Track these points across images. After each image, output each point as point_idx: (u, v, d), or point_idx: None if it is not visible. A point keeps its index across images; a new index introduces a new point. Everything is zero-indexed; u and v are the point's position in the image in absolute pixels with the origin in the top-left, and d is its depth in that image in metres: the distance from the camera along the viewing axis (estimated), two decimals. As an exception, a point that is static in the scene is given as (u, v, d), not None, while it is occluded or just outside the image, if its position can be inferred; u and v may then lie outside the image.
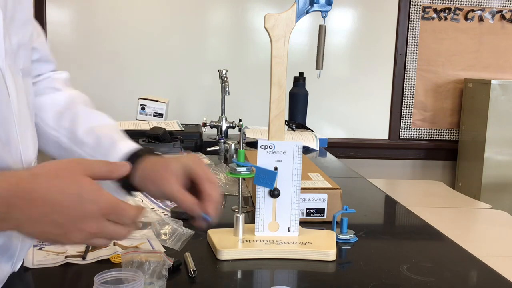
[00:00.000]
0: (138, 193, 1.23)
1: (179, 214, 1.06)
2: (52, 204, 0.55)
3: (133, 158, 0.77)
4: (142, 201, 1.16)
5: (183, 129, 1.89)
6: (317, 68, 1.01)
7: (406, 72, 3.29)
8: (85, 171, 0.58)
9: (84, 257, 0.84)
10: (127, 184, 0.76)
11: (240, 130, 1.94)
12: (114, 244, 0.90)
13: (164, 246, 0.90)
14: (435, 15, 3.25)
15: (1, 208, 0.53)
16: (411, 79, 3.30)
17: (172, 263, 0.77)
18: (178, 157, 0.77)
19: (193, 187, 0.74)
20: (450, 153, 3.38)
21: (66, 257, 0.84)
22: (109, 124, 0.85)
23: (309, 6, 0.94)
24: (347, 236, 0.98)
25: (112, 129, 0.84)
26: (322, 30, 1.00)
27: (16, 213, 0.54)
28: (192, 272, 0.79)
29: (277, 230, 0.93)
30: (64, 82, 0.92)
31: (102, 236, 0.58)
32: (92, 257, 0.85)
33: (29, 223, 0.55)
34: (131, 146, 0.80)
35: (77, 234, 0.56)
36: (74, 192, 0.55)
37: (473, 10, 3.25)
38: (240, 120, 1.97)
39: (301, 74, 2.34)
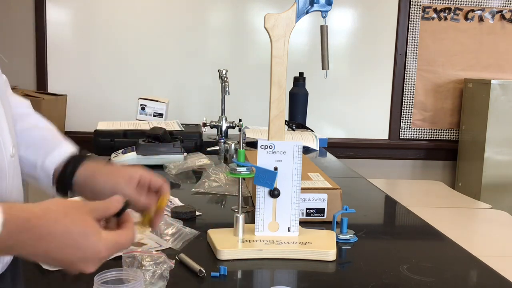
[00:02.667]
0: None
1: (179, 214, 1.06)
2: (58, 241, 0.58)
3: (75, 160, 0.84)
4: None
5: (183, 129, 1.89)
6: (323, 68, 1.01)
7: (406, 72, 3.29)
8: (89, 211, 0.61)
9: None
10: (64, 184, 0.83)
11: (240, 130, 1.94)
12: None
13: (165, 247, 0.90)
14: (435, 15, 3.25)
15: (8, 242, 0.55)
16: (411, 79, 3.30)
17: (173, 264, 0.77)
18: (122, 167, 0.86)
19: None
20: (450, 153, 3.38)
21: None
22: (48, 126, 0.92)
23: (309, 6, 0.94)
24: (347, 236, 0.98)
25: (52, 130, 0.91)
26: (324, 30, 1.00)
27: (22, 248, 0.57)
28: (201, 272, 0.79)
29: (277, 230, 0.93)
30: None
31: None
32: None
33: (34, 256, 0.59)
34: (72, 149, 0.87)
35: (82, 267, 0.61)
36: (80, 231, 0.59)
37: (473, 10, 3.25)
38: (240, 120, 1.97)
39: (301, 74, 2.34)
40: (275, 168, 0.91)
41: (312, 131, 2.24)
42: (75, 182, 0.83)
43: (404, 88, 3.31)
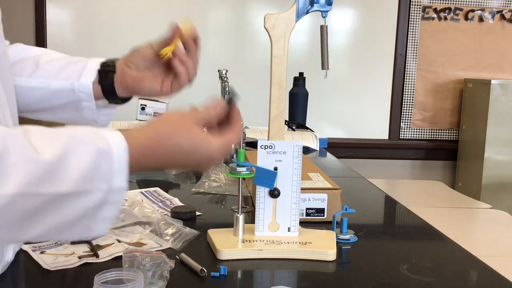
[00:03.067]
0: (138, 193, 1.23)
1: (179, 214, 1.06)
2: (175, 157, 0.65)
3: (107, 67, 0.91)
4: (142, 201, 1.16)
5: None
6: (323, 68, 1.01)
7: (406, 72, 3.29)
8: (195, 122, 0.66)
9: (97, 256, 0.84)
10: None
11: (240, 130, 1.94)
12: (119, 241, 0.90)
13: (165, 247, 0.90)
14: (435, 15, 3.25)
15: (131, 166, 0.61)
16: (411, 79, 3.30)
17: (173, 264, 0.77)
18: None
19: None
20: (450, 153, 3.38)
21: (79, 257, 0.84)
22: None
23: (309, 6, 0.94)
24: (347, 236, 0.98)
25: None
26: (323, 30, 1.00)
27: (145, 168, 0.64)
28: (202, 271, 0.79)
29: (277, 230, 0.93)
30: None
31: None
32: (105, 254, 0.85)
33: (156, 170, 0.70)
34: (99, 61, 0.92)
35: (202, 169, 0.75)
36: (190, 143, 0.65)
37: (473, 10, 3.25)
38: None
39: (301, 74, 2.34)
40: (275, 168, 0.91)
41: (312, 131, 2.24)
42: (117, 75, 0.90)
43: (404, 88, 3.31)
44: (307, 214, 1.07)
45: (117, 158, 0.58)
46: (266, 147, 0.91)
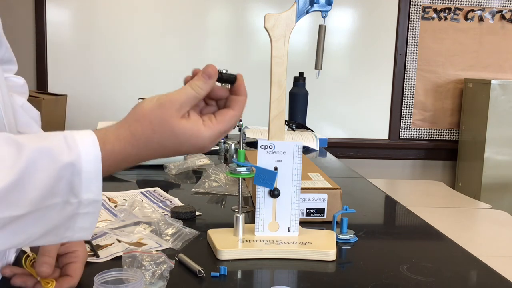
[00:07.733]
0: (138, 193, 1.23)
1: (179, 214, 1.06)
2: (159, 154, 0.61)
3: None
4: (142, 200, 1.16)
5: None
6: (316, 68, 1.01)
7: (406, 72, 3.29)
8: (177, 108, 0.61)
9: (97, 256, 0.84)
10: None
11: (240, 130, 1.94)
12: (119, 241, 0.90)
13: (165, 247, 0.90)
14: (435, 15, 3.25)
15: (110, 169, 0.58)
16: (411, 79, 3.30)
17: (173, 264, 0.77)
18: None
19: None
20: (450, 153, 3.39)
21: None
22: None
23: (309, 6, 0.94)
24: (347, 236, 0.98)
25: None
26: (322, 30, 1.00)
27: (125, 167, 0.60)
28: (201, 272, 0.79)
29: (277, 230, 0.93)
30: (21, 88, 0.94)
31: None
32: (105, 254, 0.85)
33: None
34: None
35: (194, 153, 0.64)
36: (174, 142, 0.61)
37: (473, 10, 3.25)
38: (240, 120, 1.97)
39: (301, 74, 2.34)
40: (275, 168, 0.91)
41: (312, 131, 2.23)
42: None
43: (404, 88, 3.31)
44: (307, 214, 1.07)
45: (86, 171, 0.55)
46: (266, 147, 0.91)
